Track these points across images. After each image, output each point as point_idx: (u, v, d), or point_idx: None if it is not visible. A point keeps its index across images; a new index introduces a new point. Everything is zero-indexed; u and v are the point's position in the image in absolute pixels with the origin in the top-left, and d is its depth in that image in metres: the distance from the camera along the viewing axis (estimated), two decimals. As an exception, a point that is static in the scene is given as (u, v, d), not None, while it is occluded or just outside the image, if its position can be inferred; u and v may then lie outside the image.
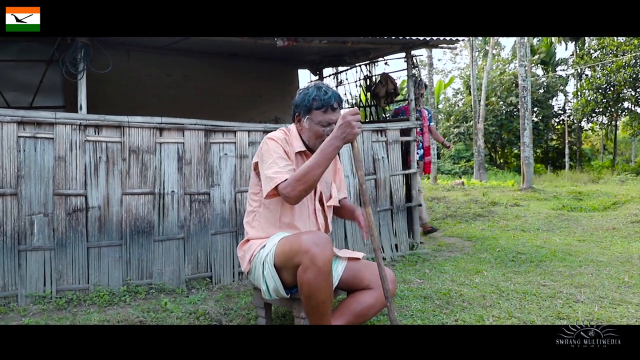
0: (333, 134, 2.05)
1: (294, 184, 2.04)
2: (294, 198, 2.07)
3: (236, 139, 3.84)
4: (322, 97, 2.24)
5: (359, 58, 5.54)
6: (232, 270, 3.79)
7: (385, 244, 4.56)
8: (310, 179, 2.03)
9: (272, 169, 2.15)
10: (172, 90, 5.94)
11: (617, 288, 3.35)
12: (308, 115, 2.27)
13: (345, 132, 2.02)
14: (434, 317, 2.80)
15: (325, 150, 2.05)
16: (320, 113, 2.24)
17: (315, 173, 2.03)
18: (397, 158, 4.71)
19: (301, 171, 2.05)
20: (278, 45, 4.08)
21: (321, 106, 2.24)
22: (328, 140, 2.06)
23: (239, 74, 6.35)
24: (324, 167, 2.05)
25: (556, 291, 3.27)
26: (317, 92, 2.26)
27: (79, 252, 3.29)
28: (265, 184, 2.15)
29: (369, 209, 2.13)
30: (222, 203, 3.78)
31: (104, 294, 3.24)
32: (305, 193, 2.07)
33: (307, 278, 1.98)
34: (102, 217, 3.37)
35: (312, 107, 2.25)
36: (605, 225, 6.13)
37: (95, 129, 3.36)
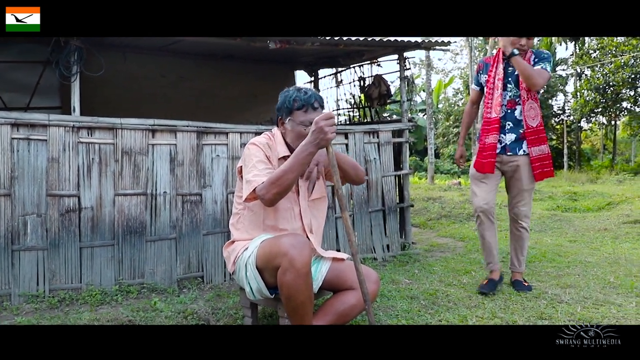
0: (307, 139, 2.07)
1: (268, 186, 2.09)
2: (268, 201, 2.11)
3: (228, 141, 3.89)
4: (302, 97, 2.28)
5: (353, 60, 5.59)
6: (224, 270, 3.84)
7: (377, 245, 4.61)
8: (284, 183, 2.07)
9: (251, 172, 2.19)
10: (167, 91, 6.00)
11: (602, 289, 3.40)
12: (290, 117, 2.31)
13: (318, 138, 2.04)
14: (419, 317, 2.85)
15: (299, 156, 2.08)
16: (302, 113, 2.27)
17: (288, 177, 2.07)
18: (389, 159, 4.76)
19: (275, 175, 2.09)
20: (270, 47, 4.14)
21: (302, 106, 2.27)
22: (302, 145, 2.09)
23: (235, 75, 6.40)
24: (297, 172, 2.10)
25: (541, 292, 3.32)
26: (297, 93, 2.30)
27: (71, 252, 3.35)
28: (245, 188, 2.20)
29: (346, 214, 2.16)
30: (214, 204, 3.83)
31: (96, 294, 3.30)
32: (279, 196, 2.11)
33: (286, 280, 2.03)
34: (95, 218, 3.42)
35: (293, 108, 2.28)
36: (597, 226, 6.17)
37: (88, 130, 3.41)
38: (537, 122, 3.32)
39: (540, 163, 3.32)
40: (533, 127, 3.31)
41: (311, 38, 4.34)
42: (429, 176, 15.42)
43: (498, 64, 3.38)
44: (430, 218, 7.24)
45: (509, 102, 3.35)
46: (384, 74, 5.39)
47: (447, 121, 25.02)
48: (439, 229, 6.49)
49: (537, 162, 3.32)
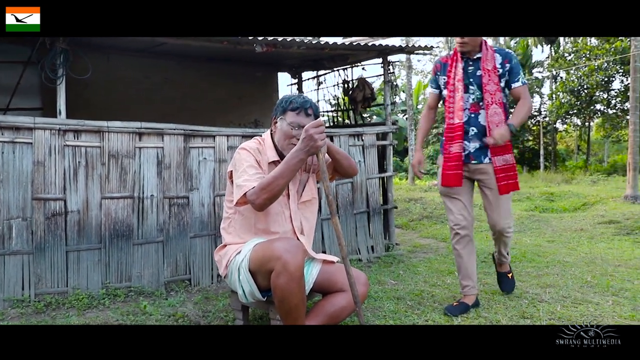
0: (297, 146, 2.14)
1: (259, 192, 2.13)
2: (259, 205, 2.16)
3: (215, 144, 3.90)
4: (298, 100, 2.37)
5: (337, 63, 5.65)
6: (211, 272, 3.86)
7: (362, 246, 4.67)
8: (274, 189, 2.12)
9: (242, 177, 2.23)
10: (151, 93, 5.97)
11: (580, 288, 3.52)
12: (282, 116, 2.37)
13: (308, 145, 2.11)
14: (406, 317, 2.91)
15: (290, 162, 2.15)
16: (294, 114, 2.34)
17: (279, 183, 2.13)
18: (373, 162, 4.83)
19: (266, 180, 2.14)
20: (257, 51, 4.16)
21: (296, 108, 2.34)
22: (292, 152, 2.16)
23: (219, 77, 6.40)
24: (288, 178, 2.15)
25: (522, 291, 3.42)
26: (296, 97, 2.40)
27: (57, 255, 3.33)
28: (236, 192, 2.25)
29: (336, 219, 2.22)
30: (201, 207, 3.84)
31: (83, 297, 3.28)
32: (269, 202, 2.16)
33: (280, 283, 2.07)
34: (81, 221, 3.41)
35: (288, 108, 2.36)
36: (574, 226, 6.36)
37: (74, 133, 3.39)
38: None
39: (504, 174, 3.01)
40: None
41: (297, 42, 4.38)
42: (409, 177, 15.59)
43: (456, 63, 3.05)
44: (412, 219, 7.35)
45: (472, 106, 3.03)
46: (368, 77, 5.46)
47: (427, 122, 25.29)
48: (421, 229, 6.60)
49: (501, 172, 3.01)
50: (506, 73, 2.99)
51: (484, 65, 2.98)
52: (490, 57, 2.99)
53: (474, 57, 3.02)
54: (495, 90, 2.96)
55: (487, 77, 2.97)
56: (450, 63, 3.10)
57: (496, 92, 2.96)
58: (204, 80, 6.32)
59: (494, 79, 2.96)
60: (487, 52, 3.00)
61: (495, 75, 2.97)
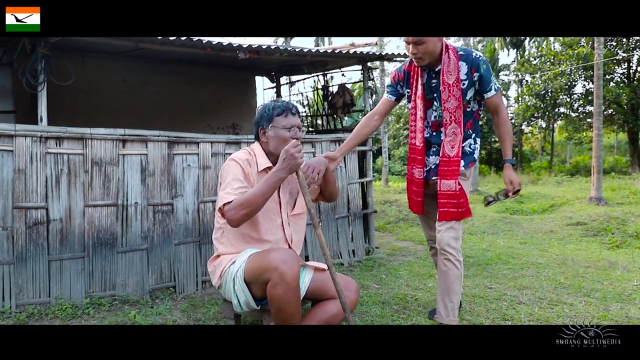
0: (278, 166, 2.19)
1: (237, 207, 2.15)
2: (235, 221, 2.17)
3: (199, 150, 3.90)
4: (280, 104, 2.44)
5: (317, 69, 5.71)
6: (196, 279, 3.85)
7: (343, 250, 4.74)
8: (253, 205, 2.15)
9: (225, 190, 2.27)
10: (128, 97, 5.89)
11: (554, 289, 3.69)
12: (271, 124, 2.41)
13: (289, 164, 2.18)
14: (393, 321, 3.00)
15: (270, 180, 2.19)
16: (282, 118, 2.40)
17: (258, 200, 2.16)
18: (354, 167, 4.91)
19: (245, 197, 2.16)
20: (240, 57, 4.18)
21: (282, 112, 2.41)
22: (273, 171, 2.20)
23: (197, 81, 6.36)
24: (267, 196, 2.19)
25: (501, 293, 3.56)
26: (274, 102, 2.47)
27: (39, 265, 3.27)
28: (217, 203, 2.29)
29: (319, 230, 2.29)
30: (186, 213, 3.84)
31: (67, 307, 3.23)
32: (247, 217, 2.19)
33: (277, 293, 2.11)
34: (64, 230, 3.35)
35: (274, 115, 2.41)
36: (544, 228, 6.61)
37: (56, 140, 3.34)
38: (454, 151, 2.72)
39: (447, 200, 2.72)
40: (448, 157, 2.73)
41: (279, 49, 4.43)
42: (383, 178, 15.79)
43: (418, 76, 2.78)
44: (388, 221, 7.47)
45: (433, 124, 2.82)
46: (346, 83, 5.54)
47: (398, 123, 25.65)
48: (398, 232, 6.73)
49: (444, 198, 2.72)
50: (475, 83, 2.67)
51: (444, 78, 2.66)
52: (453, 68, 2.65)
53: (436, 69, 2.71)
54: (456, 107, 2.68)
55: (447, 93, 2.67)
56: (412, 75, 2.82)
57: (456, 110, 2.68)
58: (182, 84, 6.27)
59: (456, 93, 2.66)
60: (448, 62, 2.65)
61: (457, 89, 2.65)
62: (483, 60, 2.65)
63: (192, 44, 3.91)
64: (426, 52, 2.60)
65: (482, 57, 2.66)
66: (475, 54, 2.66)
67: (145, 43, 3.82)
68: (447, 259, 2.71)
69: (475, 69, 2.64)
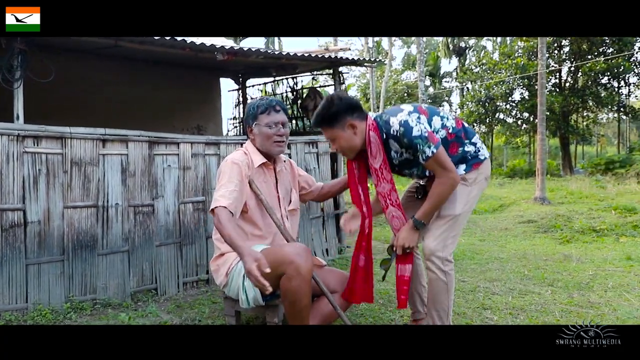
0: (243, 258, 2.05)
1: (217, 222, 2.21)
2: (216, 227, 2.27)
3: (179, 151, 3.87)
4: (264, 102, 2.52)
5: (286, 71, 5.78)
6: (177, 280, 3.81)
7: (318, 249, 4.84)
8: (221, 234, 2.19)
9: (219, 191, 2.32)
10: (90, 96, 5.69)
11: (521, 280, 3.96)
12: (256, 122, 2.50)
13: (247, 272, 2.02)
14: (382, 314, 3.12)
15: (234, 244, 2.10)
16: (265, 115, 2.49)
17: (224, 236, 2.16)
18: (327, 168, 5.02)
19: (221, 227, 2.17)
20: (218, 59, 4.19)
21: (265, 109, 2.49)
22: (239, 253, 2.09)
23: (161, 81, 6.25)
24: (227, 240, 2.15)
25: (475, 286, 3.78)
26: (259, 100, 2.56)
27: (16, 269, 3.13)
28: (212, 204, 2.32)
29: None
30: (166, 214, 3.79)
31: (46, 313, 3.12)
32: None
33: (293, 286, 2.17)
34: (42, 232, 3.23)
35: (257, 112, 2.50)
36: (499, 226, 7.01)
37: (34, 140, 3.21)
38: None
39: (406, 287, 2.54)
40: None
41: (256, 51, 4.46)
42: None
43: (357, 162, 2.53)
44: (351, 222, 7.62)
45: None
46: (318, 86, 5.65)
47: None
48: (362, 232, 6.89)
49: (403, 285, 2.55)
50: (406, 152, 2.36)
51: (372, 163, 2.41)
52: (376, 152, 2.38)
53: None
54: (390, 189, 2.44)
55: (376, 177, 2.45)
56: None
57: (391, 192, 2.44)
58: (146, 84, 6.14)
59: (386, 176, 2.41)
60: (371, 147, 2.37)
61: (387, 171, 2.41)
62: (400, 123, 2.26)
63: (172, 43, 3.88)
64: (342, 148, 2.40)
65: (399, 130, 2.26)
66: (392, 129, 2.29)
67: (124, 41, 3.75)
68: (430, 270, 2.45)
69: (397, 140, 2.32)
